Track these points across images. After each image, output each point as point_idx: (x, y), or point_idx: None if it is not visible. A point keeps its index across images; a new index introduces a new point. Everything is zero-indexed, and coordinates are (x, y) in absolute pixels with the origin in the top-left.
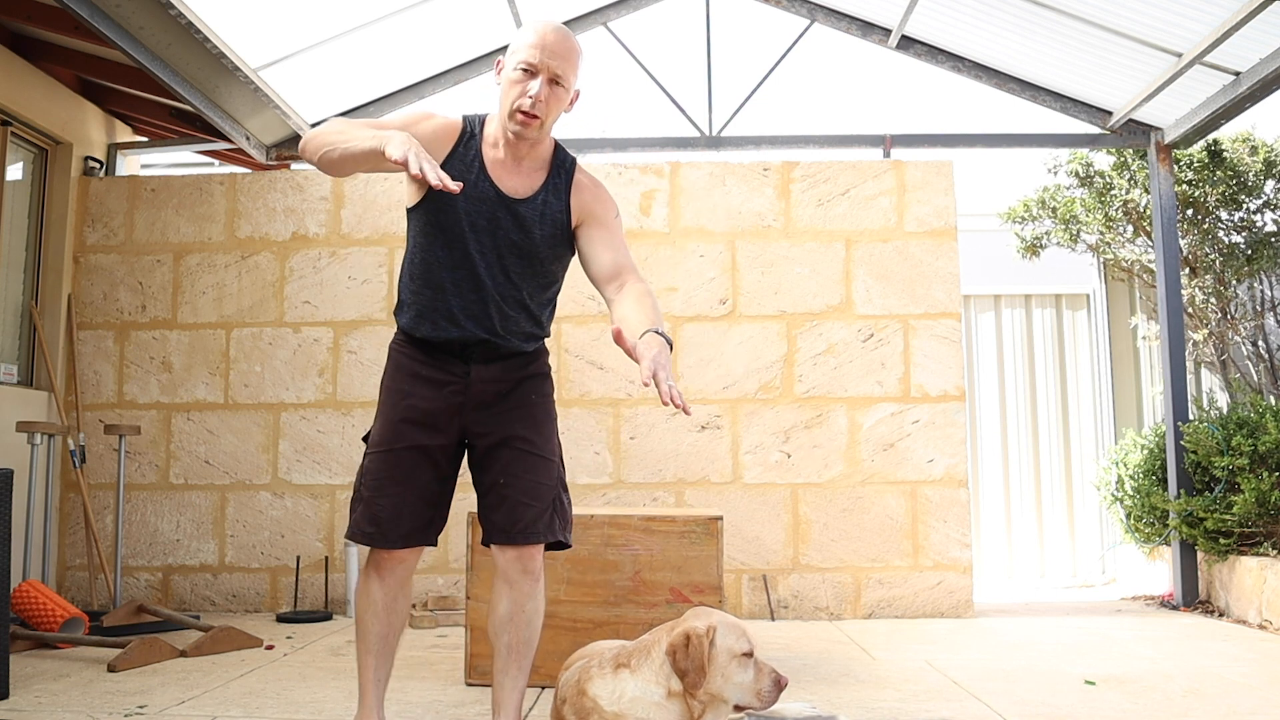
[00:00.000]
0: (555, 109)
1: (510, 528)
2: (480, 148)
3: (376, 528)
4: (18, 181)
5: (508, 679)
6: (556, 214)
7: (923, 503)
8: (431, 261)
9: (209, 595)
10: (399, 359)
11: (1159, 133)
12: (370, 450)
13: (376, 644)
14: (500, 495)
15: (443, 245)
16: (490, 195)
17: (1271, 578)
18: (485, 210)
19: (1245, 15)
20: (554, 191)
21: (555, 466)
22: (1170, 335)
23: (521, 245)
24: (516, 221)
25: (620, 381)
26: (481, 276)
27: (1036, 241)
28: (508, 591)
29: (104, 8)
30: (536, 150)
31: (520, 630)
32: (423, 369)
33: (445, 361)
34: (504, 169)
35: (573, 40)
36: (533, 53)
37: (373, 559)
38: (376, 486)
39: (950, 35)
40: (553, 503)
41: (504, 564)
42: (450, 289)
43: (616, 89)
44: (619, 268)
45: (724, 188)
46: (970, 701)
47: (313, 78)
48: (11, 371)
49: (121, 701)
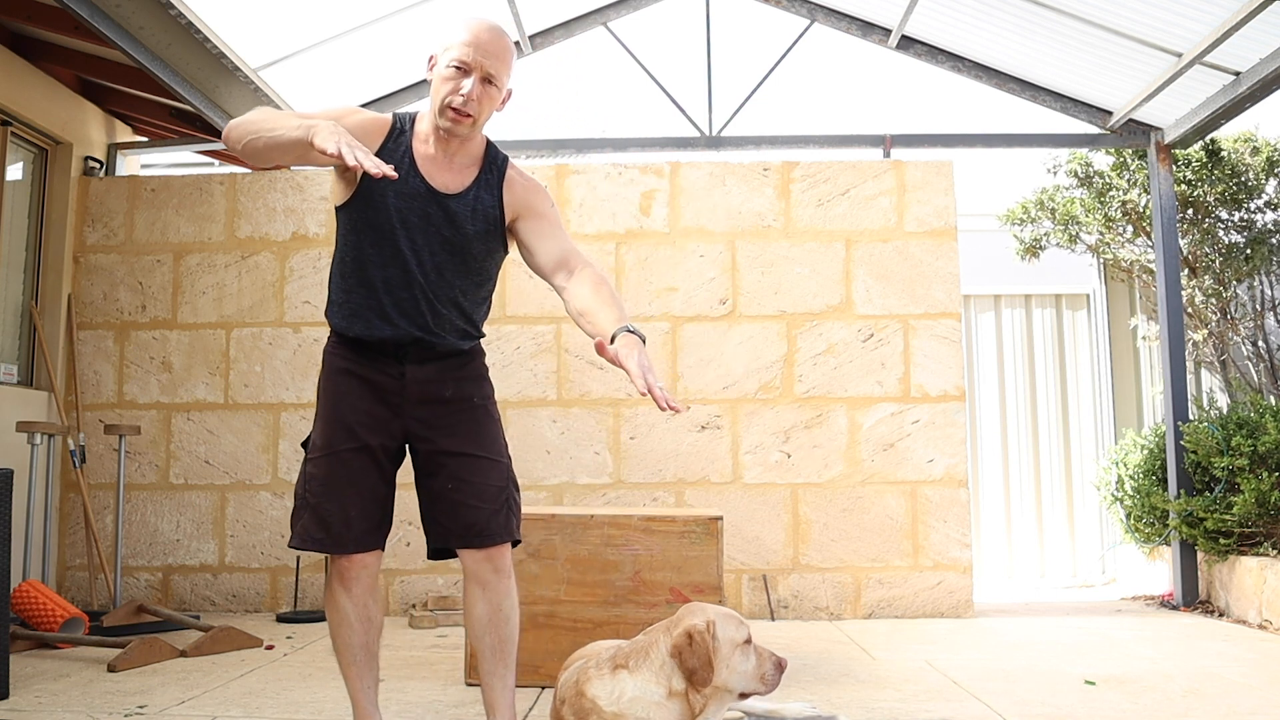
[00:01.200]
0: (487, 107)
1: (468, 532)
2: (410, 144)
3: (327, 533)
4: (18, 181)
5: (496, 679)
6: (488, 209)
7: (923, 503)
8: (362, 259)
9: (209, 595)
10: (333, 361)
11: (1159, 133)
12: (312, 455)
13: (359, 654)
14: (451, 500)
15: (373, 242)
16: (421, 191)
17: (1271, 578)
18: (416, 206)
19: (1245, 15)
20: (486, 187)
21: (503, 466)
22: (1170, 335)
23: (453, 241)
24: (448, 217)
25: (620, 381)
26: (413, 273)
27: (1036, 243)
28: (482, 594)
29: (104, 8)
30: (468, 147)
31: (501, 629)
32: (357, 368)
33: (380, 361)
34: (435, 165)
35: (506, 39)
36: (466, 50)
37: (335, 571)
38: (323, 491)
39: (950, 35)
40: (506, 501)
41: (474, 567)
42: (382, 287)
43: (616, 89)
44: (564, 254)
45: (724, 188)
46: (970, 701)
47: (313, 78)
48: (11, 371)
49: (121, 701)
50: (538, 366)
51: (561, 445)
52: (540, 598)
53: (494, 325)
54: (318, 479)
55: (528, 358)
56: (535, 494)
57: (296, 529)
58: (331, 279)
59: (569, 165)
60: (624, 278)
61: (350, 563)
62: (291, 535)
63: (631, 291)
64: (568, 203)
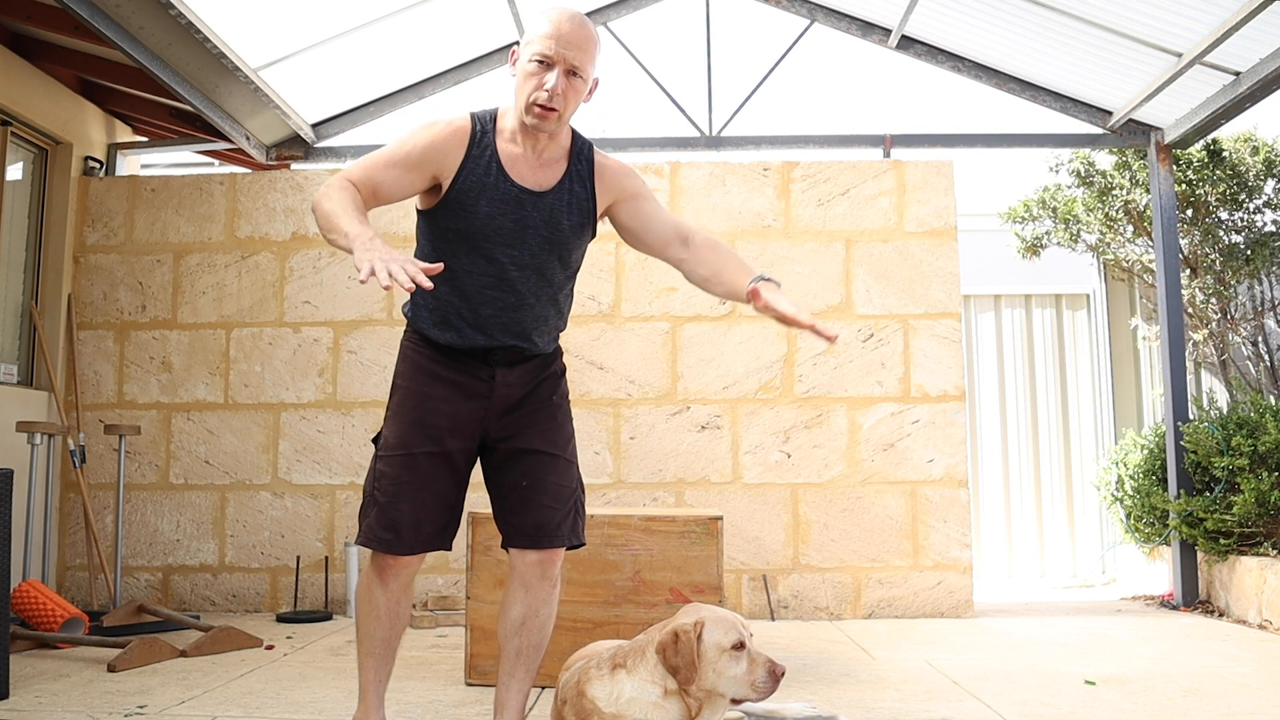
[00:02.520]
0: (573, 100)
1: (535, 531)
2: (495, 145)
3: (395, 534)
4: (18, 181)
5: (514, 681)
6: (583, 201)
7: (923, 503)
8: (457, 269)
9: (209, 595)
10: (416, 359)
11: (1159, 133)
12: (385, 453)
13: (380, 647)
14: (523, 498)
15: (468, 251)
16: (513, 194)
17: (1271, 578)
18: (511, 211)
19: (1245, 15)
20: (578, 179)
21: (575, 468)
22: (1170, 335)
23: (552, 240)
24: (544, 216)
25: (620, 381)
26: (514, 282)
27: (1037, 241)
28: (523, 595)
29: (104, 8)
30: (555, 141)
31: (532, 635)
32: (444, 370)
33: (468, 365)
34: (524, 164)
35: (590, 28)
36: (548, 43)
37: (377, 564)
38: (394, 492)
39: (950, 35)
40: (574, 505)
41: (523, 568)
42: (478, 297)
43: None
44: (675, 226)
45: (724, 188)
46: (970, 701)
47: (313, 78)
48: (11, 371)
49: (121, 701)
50: None
51: None
52: None
53: None
54: (389, 478)
55: None
56: None
57: (363, 526)
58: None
59: None
60: (624, 278)
61: (397, 561)
62: (358, 532)
63: (631, 291)
64: None
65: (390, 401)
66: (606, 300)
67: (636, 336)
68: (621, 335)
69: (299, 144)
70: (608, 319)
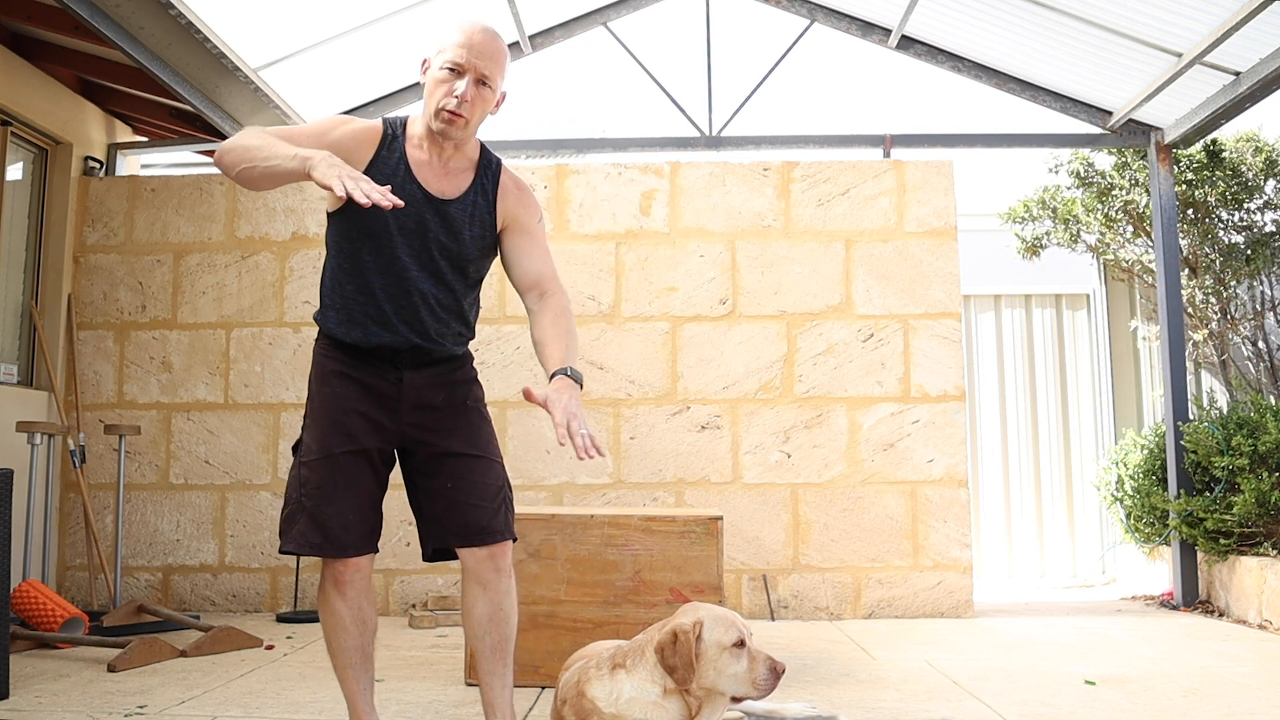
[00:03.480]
0: (481, 110)
1: (469, 530)
2: (404, 149)
3: (325, 538)
4: (18, 181)
5: (496, 679)
6: (484, 214)
7: (923, 503)
8: (361, 266)
9: (209, 595)
10: (326, 364)
11: (1159, 133)
12: (307, 458)
13: (354, 657)
14: (451, 500)
15: (371, 249)
16: (418, 197)
17: (1271, 578)
18: (413, 213)
19: (1245, 15)
20: (481, 192)
21: (498, 467)
22: (1170, 335)
23: (451, 247)
24: (445, 223)
25: (620, 381)
26: (413, 280)
27: (1036, 242)
28: (483, 593)
29: (104, 8)
30: (462, 150)
31: (501, 628)
32: (353, 372)
33: (376, 366)
34: (430, 170)
35: (500, 41)
36: (460, 52)
37: (329, 575)
38: (320, 495)
39: (950, 35)
40: (504, 500)
41: (475, 566)
42: (381, 293)
43: (616, 89)
44: (540, 276)
45: (724, 188)
46: (970, 701)
47: (313, 78)
48: (11, 371)
49: (121, 701)
50: (537, 367)
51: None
52: (540, 598)
53: (494, 325)
54: (313, 483)
55: (528, 358)
56: (535, 494)
57: (292, 534)
58: (325, 283)
59: (569, 165)
60: (624, 278)
61: (345, 566)
62: (285, 540)
63: (631, 291)
64: (568, 203)
65: (307, 408)
66: (606, 300)
67: (636, 336)
68: (621, 335)
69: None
70: (608, 319)
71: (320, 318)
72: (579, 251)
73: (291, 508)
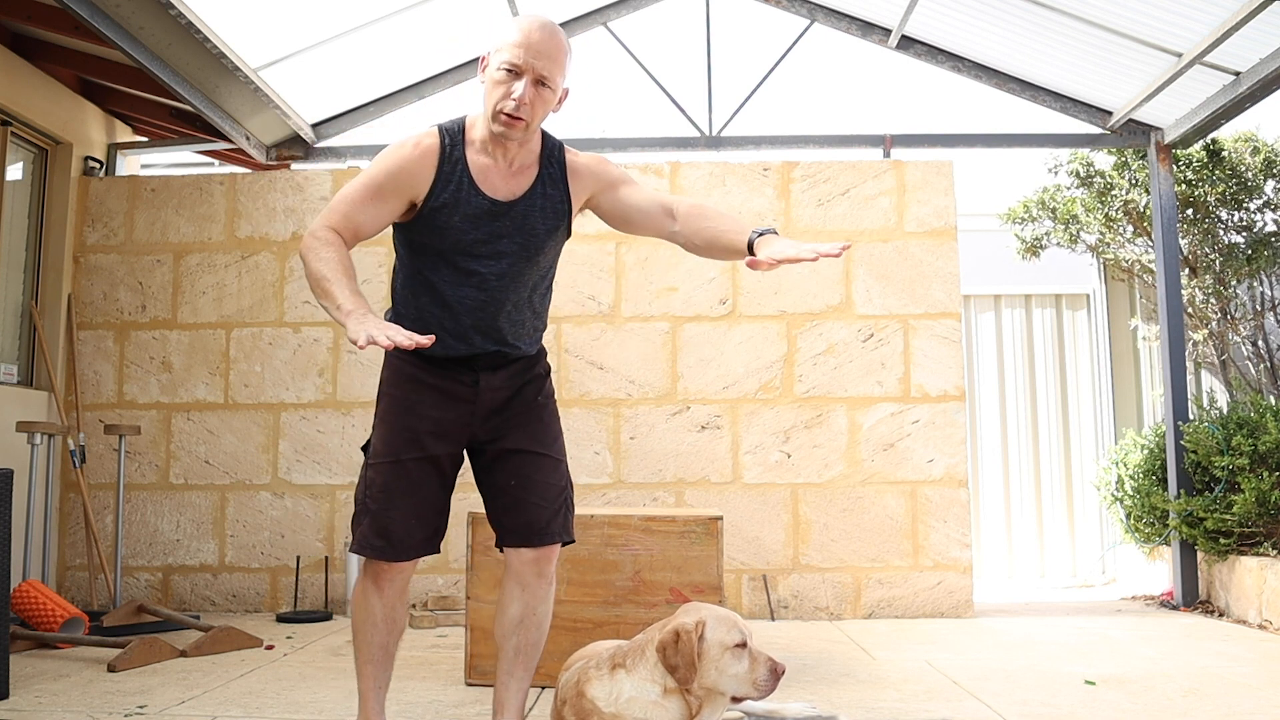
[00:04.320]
0: (541, 110)
1: (527, 530)
2: (465, 157)
3: (387, 541)
4: (18, 181)
5: (513, 680)
6: (557, 204)
7: (923, 503)
8: (434, 279)
9: (209, 595)
10: (400, 366)
11: (1159, 133)
12: (374, 461)
13: (378, 653)
14: (514, 498)
15: (445, 264)
16: (485, 208)
17: (1271, 578)
18: (483, 225)
19: (1245, 15)
20: (550, 183)
21: (563, 466)
22: (1170, 335)
23: (527, 246)
24: (517, 224)
25: (620, 381)
26: (491, 289)
27: (1036, 242)
28: (520, 594)
29: (104, 8)
30: (526, 148)
31: (530, 633)
32: (429, 377)
33: (452, 371)
34: (496, 173)
35: (560, 38)
36: (517, 52)
37: (371, 571)
38: (386, 499)
39: (950, 35)
40: (564, 503)
41: (519, 567)
42: (458, 306)
43: (616, 89)
44: (662, 205)
45: (724, 188)
46: (970, 701)
47: (313, 78)
48: (11, 371)
49: (121, 701)
50: None
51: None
52: None
53: None
54: (379, 486)
55: None
56: None
57: (357, 535)
58: (396, 294)
59: None
60: (624, 278)
61: (392, 567)
62: (351, 540)
63: (632, 291)
64: None
65: (377, 409)
66: (606, 300)
67: (636, 336)
68: (621, 335)
69: (299, 144)
70: (608, 319)
71: (393, 321)
72: (579, 251)
73: (359, 508)
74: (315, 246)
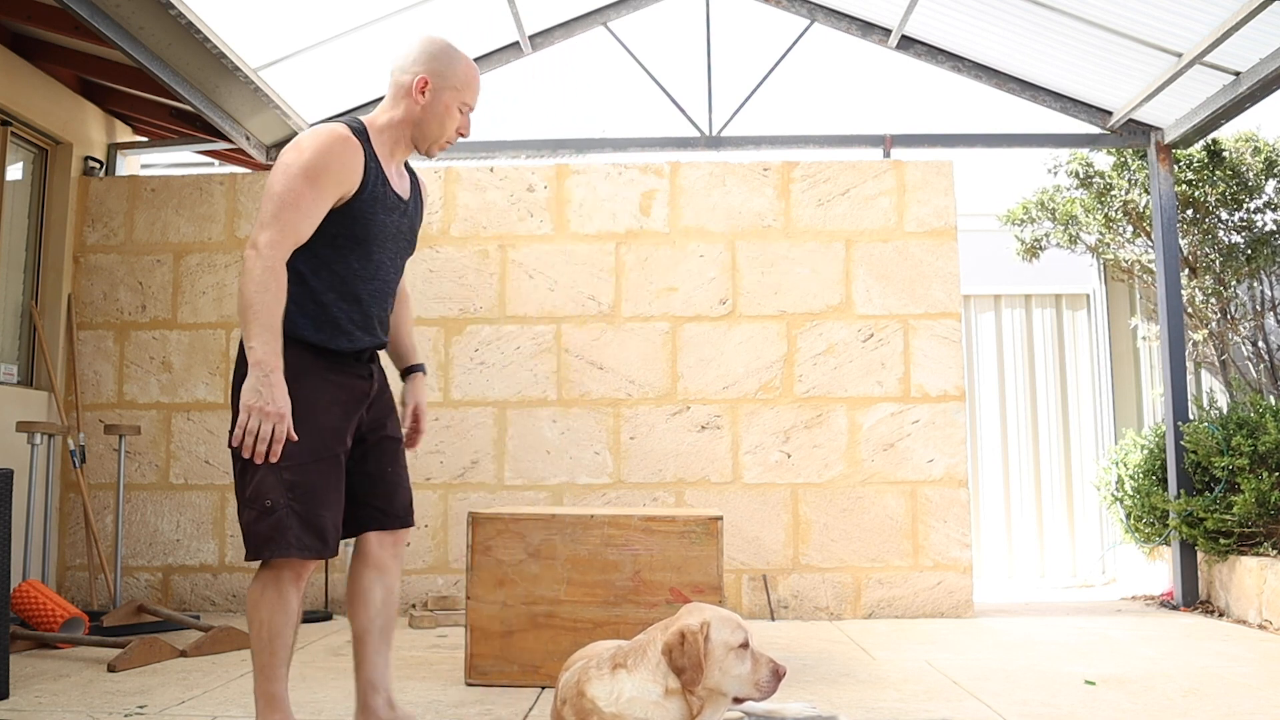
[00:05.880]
0: None
1: (404, 512)
2: (375, 155)
3: (323, 541)
4: (18, 181)
5: (381, 659)
6: (422, 206)
7: (923, 503)
8: (348, 275)
9: (209, 595)
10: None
11: (1159, 133)
12: (295, 463)
13: (288, 653)
14: (391, 483)
15: (358, 257)
16: (394, 202)
17: (1271, 578)
18: (394, 219)
19: (1245, 15)
20: (415, 186)
21: None
22: (1170, 335)
23: (412, 241)
24: (410, 220)
25: (620, 381)
26: (389, 283)
27: (1036, 243)
28: (380, 578)
29: (104, 8)
30: None
31: (391, 610)
32: (334, 375)
33: (354, 366)
34: (393, 174)
35: None
36: (474, 96)
37: (293, 571)
38: (316, 499)
39: (950, 35)
40: None
41: (379, 551)
42: (367, 300)
43: (616, 89)
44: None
45: (724, 188)
46: (970, 701)
47: (313, 78)
48: (11, 371)
49: (121, 701)
50: (538, 367)
51: (561, 445)
52: (540, 598)
53: (494, 325)
54: (304, 487)
55: (528, 358)
56: (535, 494)
57: (288, 539)
58: (306, 293)
59: (569, 165)
60: (624, 278)
61: (308, 565)
62: (275, 547)
63: (631, 291)
64: (568, 203)
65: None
66: (606, 300)
67: (636, 336)
68: (621, 335)
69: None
70: (608, 319)
71: (299, 327)
72: (579, 251)
73: (279, 513)
74: (267, 281)
